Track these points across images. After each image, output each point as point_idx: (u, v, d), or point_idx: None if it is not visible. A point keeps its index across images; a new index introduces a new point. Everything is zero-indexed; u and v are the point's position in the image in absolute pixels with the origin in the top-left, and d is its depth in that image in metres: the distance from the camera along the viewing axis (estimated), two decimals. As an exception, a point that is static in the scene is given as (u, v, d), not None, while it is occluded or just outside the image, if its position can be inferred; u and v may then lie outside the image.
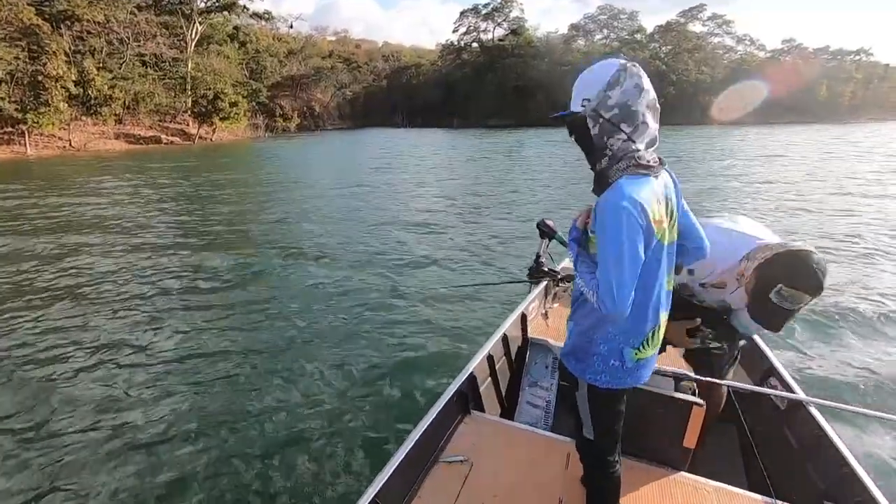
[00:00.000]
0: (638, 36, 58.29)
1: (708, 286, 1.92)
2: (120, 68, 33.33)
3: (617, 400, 1.50)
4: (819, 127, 39.15)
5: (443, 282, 5.91)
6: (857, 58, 53.16)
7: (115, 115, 31.20)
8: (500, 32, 62.95)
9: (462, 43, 64.74)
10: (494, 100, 55.62)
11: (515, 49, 59.15)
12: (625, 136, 1.29)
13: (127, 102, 32.19)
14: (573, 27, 62.06)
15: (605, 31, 61.01)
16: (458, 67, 62.80)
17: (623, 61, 1.32)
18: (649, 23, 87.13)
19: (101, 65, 31.28)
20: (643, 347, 1.40)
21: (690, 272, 1.90)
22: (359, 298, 5.36)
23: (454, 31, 65.85)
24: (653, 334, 1.41)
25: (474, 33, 64.13)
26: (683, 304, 1.91)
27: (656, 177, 1.32)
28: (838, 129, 36.00)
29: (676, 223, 1.41)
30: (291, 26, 62.07)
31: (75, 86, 26.66)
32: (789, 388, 2.26)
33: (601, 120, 1.29)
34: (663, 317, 1.44)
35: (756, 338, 2.69)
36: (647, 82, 1.30)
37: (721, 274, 1.83)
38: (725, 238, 1.80)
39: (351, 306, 5.15)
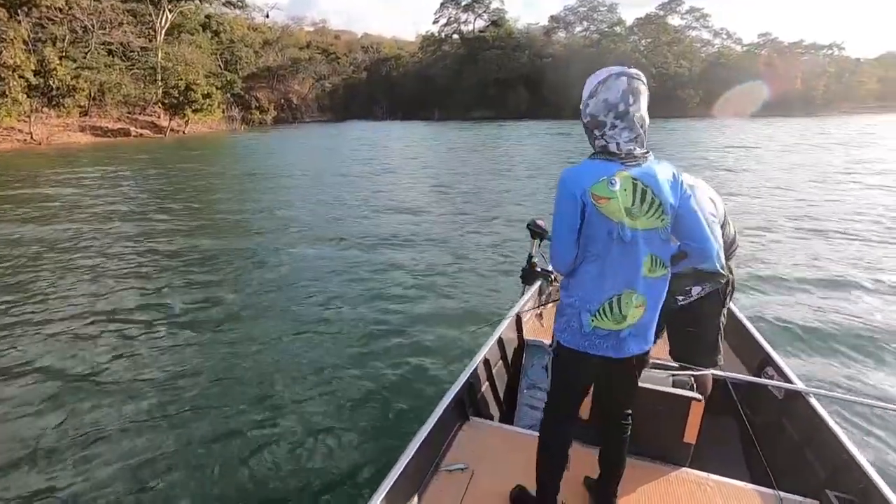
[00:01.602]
0: (618, 28, 58.35)
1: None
2: (84, 57, 31.74)
3: (575, 361, 1.59)
4: (797, 121, 39.74)
5: (434, 287, 5.57)
6: (830, 52, 54.25)
7: (80, 106, 29.90)
8: (480, 24, 62.52)
9: (443, 34, 64.06)
10: (476, 92, 55.27)
11: (496, 41, 58.74)
12: (598, 136, 1.50)
13: (92, 93, 30.82)
14: (553, 19, 61.92)
15: (585, 23, 60.93)
16: (438, 59, 62.16)
17: (613, 71, 1.47)
18: (629, 15, 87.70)
19: (63, 53, 29.81)
20: (599, 316, 1.50)
21: None
22: (342, 300, 5.11)
23: (434, 23, 65.17)
24: (610, 306, 1.49)
25: (455, 24, 63.53)
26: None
27: (625, 164, 1.45)
28: (813, 122, 36.62)
29: (660, 215, 1.47)
30: (267, 16, 60.67)
31: (35, 76, 25.37)
32: (787, 378, 2.26)
33: (583, 123, 1.54)
34: (632, 295, 1.49)
35: (751, 328, 2.76)
36: (621, 95, 1.44)
37: None
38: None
39: (335, 307, 4.90)
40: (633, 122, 1.44)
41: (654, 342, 1.65)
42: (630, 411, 1.70)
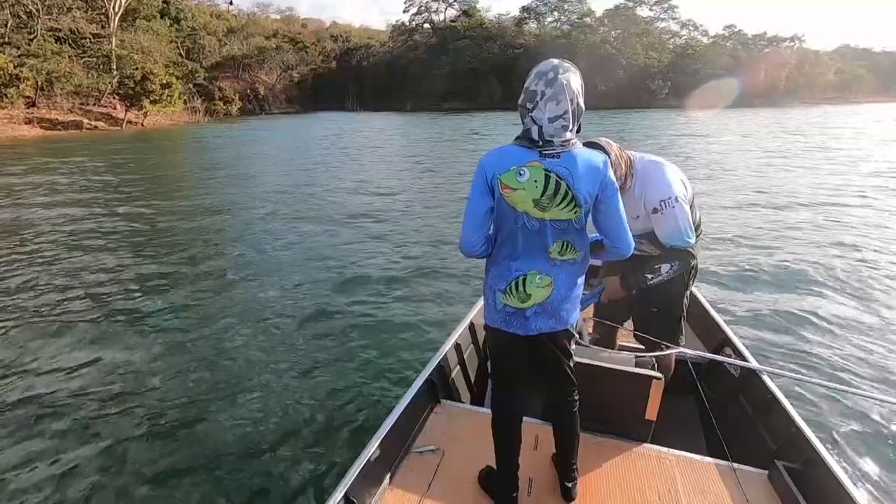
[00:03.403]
0: (588, 19, 58.49)
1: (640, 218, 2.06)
2: (29, 44, 29.79)
3: (494, 338, 1.67)
4: (761, 111, 40.65)
5: (405, 272, 5.52)
6: (792, 44, 55.78)
7: (26, 97, 27.96)
8: (451, 14, 61.82)
9: (413, 23, 63.15)
10: (448, 83, 54.70)
11: (467, 31, 58.22)
12: (529, 111, 1.46)
13: (40, 83, 28.90)
14: (524, 9, 61.63)
15: (556, 13, 60.91)
16: (409, 49, 61.22)
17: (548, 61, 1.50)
18: (599, 6, 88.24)
19: (5, 40, 27.91)
20: (507, 294, 1.56)
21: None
22: (317, 292, 4.95)
23: (405, 12, 64.16)
24: (516, 285, 1.54)
25: (425, 14, 62.69)
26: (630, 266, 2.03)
27: (542, 154, 1.44)
28: (777, 112, 37.51)
29: (573, 208, 1.47)
30: (231, 3, 58.47)
31: (-28, 64, 23.62)
32: (743, 358, 2.38)
33: (518, 106, 1.51)
34: (536, 276, 1.54)
35: (711, 310, 2.88)
36: (551, 67, 1.45)
37: (650, 202, 2.00)
38: (661, 176, 2.01)
39: (310, 301, 4.75)
40: (561, 87, 1.42)
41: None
42: (574, 389, 1.71)
